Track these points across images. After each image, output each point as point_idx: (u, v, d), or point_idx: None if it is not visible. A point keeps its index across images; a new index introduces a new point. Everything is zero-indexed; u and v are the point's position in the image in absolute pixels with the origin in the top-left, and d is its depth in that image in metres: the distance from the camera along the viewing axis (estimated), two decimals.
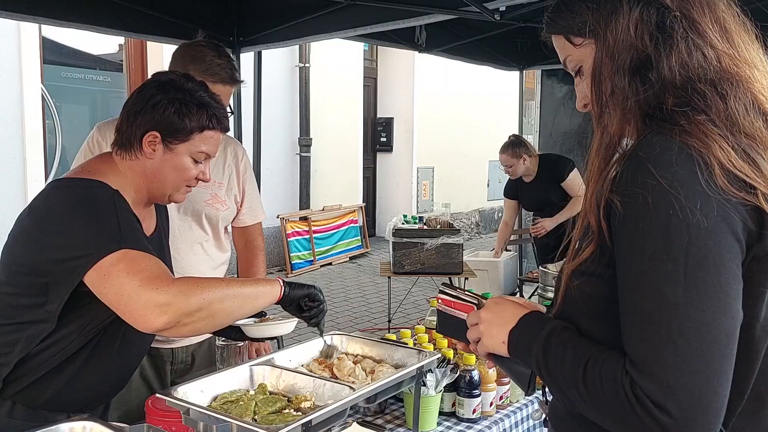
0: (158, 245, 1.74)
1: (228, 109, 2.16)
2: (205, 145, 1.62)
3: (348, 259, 8.70)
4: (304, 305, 1.66)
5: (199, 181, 1.67)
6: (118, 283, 1.39)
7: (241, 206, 2.35)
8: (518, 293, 5.51)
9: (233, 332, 1.75)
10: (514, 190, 4.95)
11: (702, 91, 0.93)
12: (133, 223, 1.54)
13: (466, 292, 1.31)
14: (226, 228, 2.35)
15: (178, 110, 1.56)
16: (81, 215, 1.46)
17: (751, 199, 0.88)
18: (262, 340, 2.01)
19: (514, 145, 4.62)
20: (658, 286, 0.86)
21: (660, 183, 0.86)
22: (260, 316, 1.82)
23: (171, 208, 2.13)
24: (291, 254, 7.86)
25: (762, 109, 0.95)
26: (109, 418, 1.84)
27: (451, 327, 1.31)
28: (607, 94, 1.00)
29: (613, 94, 0.99)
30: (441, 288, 1.35)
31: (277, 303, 1.60)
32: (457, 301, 1.30)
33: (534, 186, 4.71)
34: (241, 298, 1.49)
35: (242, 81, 2.21)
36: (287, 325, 1.74)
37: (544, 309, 1.19)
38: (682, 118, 0.92)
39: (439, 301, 1.34)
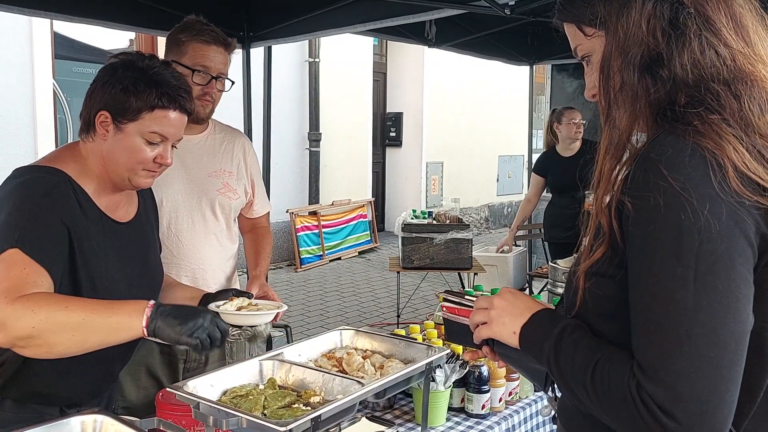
0: (138, 232, 1.71)
1: (228, 80, 2.16)
2: (158, 126, 1.54)
3: (357, 253, 8.70)
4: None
5: (163, 165, 1.61)
6: None
7: (253, 198, 2.38)
8: (527, 289, 5.49)
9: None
10: (545, 166, 4.86)
11: (715, 90, 0.91)
12: (49, 223, 1.46)
13: (467, 297, 1.30)
14: (235, 219, 2.35)
15: (126, 88, 1.50)
16: (6, 205, 1.45)
17: (765, 202, 0.86)
18: (240, 327, 1.99)
19: None
20: (667, 290, 0.85)
21: (672, 185, 0.85)
22: (248, 296, 1.81)
23: (185, 199, 2.14)
24: (300, 249, 7.88)
25: None
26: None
27: (459, 334, 1.30)
28: (616, 89, 0.98)
29: (623, 90, 0.97)
30: (444, 296, 1.34)
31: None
32: (460, 307, 1.30)
33: (573, 161, 4.60)
34: (85, 330, 1.34)
35: (236, 47, 2.21)
36: (264, 317, 1.72)
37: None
38: (695, 118, 0.90)
39: (444, 309, 1.33)
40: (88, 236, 1.53)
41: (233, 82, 2.22)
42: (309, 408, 1.49)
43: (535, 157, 7.18)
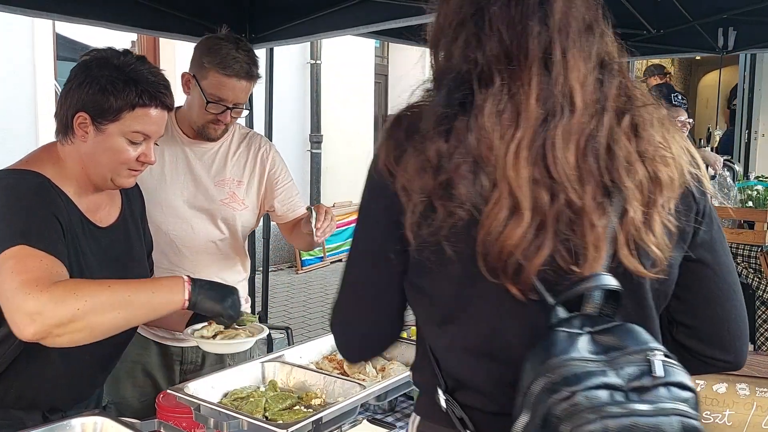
0: (120, 235, 1.66)
1: (244, 107, 2.07)
2: (139, 124, 1.50)
3: None
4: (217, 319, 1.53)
5: (145, 164, 1.57)
6: (2, 281, 1.31)
7: (275, 202, 2.23)
8: None
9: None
10: None
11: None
12: (47, 218, 1.44)
13: None
14: (242, 227, 2.21)
15: (103, 88, 1.46)
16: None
17: (392, 184, 1.03)
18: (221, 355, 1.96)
19: None
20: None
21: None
22: (239, 320, 1.74)
23: (187, 206, 2.09)
24: (301, 250, 7.88)
25: None
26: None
27: None
28: None
29: None
30: None
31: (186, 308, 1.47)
32: None
33: None
34: (129, 307, 1.35)
35: (260, 76, 2.11)
36: (242, 345, 1.65)
37: None
38: None
39: None
40: (73, 237, 1.50)
41: (249, 110, 2.14)
42: (310, 410, 1.49)
43: None
